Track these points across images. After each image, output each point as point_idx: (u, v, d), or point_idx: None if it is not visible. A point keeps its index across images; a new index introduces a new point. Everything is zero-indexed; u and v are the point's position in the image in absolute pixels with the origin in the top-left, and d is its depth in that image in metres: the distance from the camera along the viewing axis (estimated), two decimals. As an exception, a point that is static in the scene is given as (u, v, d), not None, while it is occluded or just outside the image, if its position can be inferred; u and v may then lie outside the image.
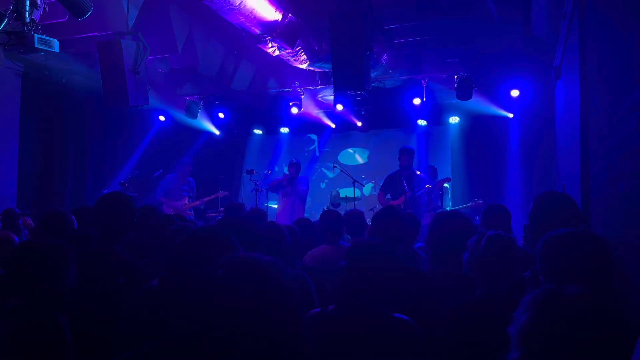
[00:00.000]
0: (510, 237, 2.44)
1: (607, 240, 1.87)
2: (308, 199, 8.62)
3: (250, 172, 8.65)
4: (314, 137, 10.87)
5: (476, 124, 9.10)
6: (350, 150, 10.63)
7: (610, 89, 2.77)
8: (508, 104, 8.61)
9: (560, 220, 2.25)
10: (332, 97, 9.24)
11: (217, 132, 10.84)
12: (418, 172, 7.27)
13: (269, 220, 4.05)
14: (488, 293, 2.26)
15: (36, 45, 4.70)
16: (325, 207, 8.61)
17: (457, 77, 8.09)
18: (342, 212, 4.52)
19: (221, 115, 10.01)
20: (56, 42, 4.95)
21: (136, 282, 2.39)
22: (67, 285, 2.10)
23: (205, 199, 8.47)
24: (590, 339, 1.17)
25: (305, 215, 7.83)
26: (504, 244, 2.33)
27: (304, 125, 10.33)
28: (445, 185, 7.70)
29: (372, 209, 7.89)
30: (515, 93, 8.14)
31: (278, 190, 8.12)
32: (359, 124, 10.16)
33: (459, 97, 8.17)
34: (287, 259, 2.91)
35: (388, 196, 7.17)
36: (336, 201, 9.03)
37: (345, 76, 5.61)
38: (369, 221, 4.85)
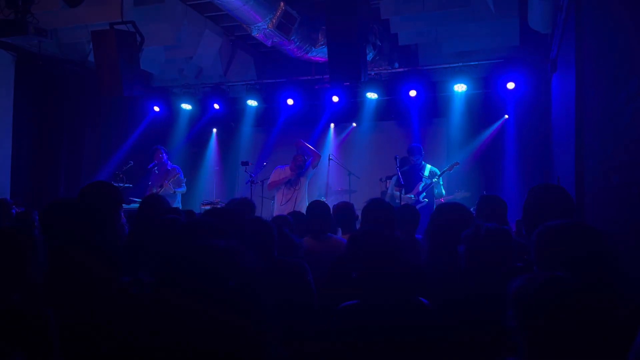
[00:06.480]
0: (506, 229, 2.45)
1: (601, 231, 1.88)
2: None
3: (245, 163, 8.58)
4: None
5: (472, 117, 9.09)
6: None
7: (606, 82, 2.77)
8: (504, 96, 8.61)
9: (554, 211, 2.26)
10: (328, 88, 9.18)
11: (212, 123, 10.79)
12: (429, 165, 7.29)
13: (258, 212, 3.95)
14: (482, 284, 2.27)
15: (29, 34, 4.66)
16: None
17: (453, 68, 8.08)
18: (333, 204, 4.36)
19: (216, 106, 9.95)
20: (50, 31, 4.91)
21: (115, 273, 2.35)
22: (39, 273, 2.03)
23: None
24: (584, 326, 1.18)
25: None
26: (501, 236, 2.34)
27: (300, 117, 10.28)
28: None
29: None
30: (511, 85, 8.14)
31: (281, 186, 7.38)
32: (354, 115, 10.12)
33: (454, 89, 8.18)
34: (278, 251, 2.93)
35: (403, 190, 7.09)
36: None
37: (342, 67, 5.58)
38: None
